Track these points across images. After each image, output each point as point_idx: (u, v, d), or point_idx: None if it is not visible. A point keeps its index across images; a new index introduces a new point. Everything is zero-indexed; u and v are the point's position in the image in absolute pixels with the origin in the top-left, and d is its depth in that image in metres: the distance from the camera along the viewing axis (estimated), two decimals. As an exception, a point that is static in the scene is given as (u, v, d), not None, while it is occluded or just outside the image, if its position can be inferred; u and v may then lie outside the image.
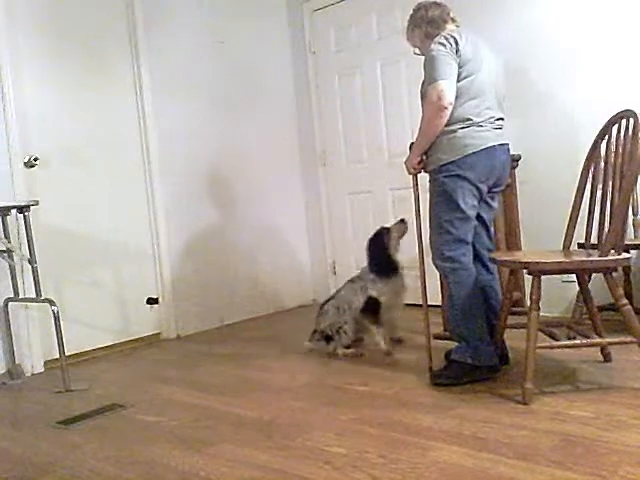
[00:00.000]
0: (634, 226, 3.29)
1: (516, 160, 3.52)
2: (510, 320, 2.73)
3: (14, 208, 3.22)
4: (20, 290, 3.36)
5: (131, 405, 2.75)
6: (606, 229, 2.51)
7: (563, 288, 3.60)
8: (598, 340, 2.61)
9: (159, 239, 4.12)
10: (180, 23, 4.28)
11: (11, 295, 3.33)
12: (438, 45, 2.56)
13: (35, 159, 3.53)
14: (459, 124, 2.57)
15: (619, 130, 2.52)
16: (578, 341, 2.62)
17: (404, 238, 3.31)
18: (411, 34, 2.83)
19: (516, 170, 3.59)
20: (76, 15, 3.79)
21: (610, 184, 2.52)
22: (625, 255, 2.38)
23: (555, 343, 2.60)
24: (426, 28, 2.74)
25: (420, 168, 2.76)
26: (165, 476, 2.01)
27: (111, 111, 3.93)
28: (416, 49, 2.85)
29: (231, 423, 2.42)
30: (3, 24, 3.43)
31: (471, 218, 2.65)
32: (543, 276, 2.39)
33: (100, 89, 3.87)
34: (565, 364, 2.79)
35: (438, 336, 3.29)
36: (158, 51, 4.12)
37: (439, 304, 3.50)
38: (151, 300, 4.10)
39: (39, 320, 3.49)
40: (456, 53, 2.54)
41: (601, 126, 2.66)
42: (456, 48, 2.54)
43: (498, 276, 2.89)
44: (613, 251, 2.37)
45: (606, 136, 2.63)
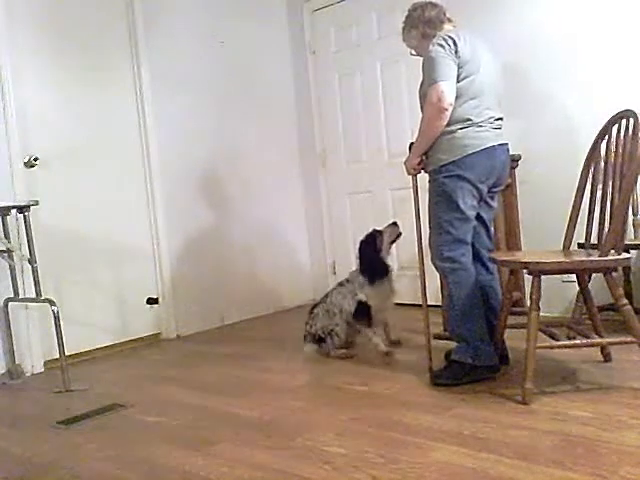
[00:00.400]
0: (634, 226, 3.28)
1: (516, 160, 3.52)
2: (510, 320, 2.73)
3: (14, 208, 3.22)
4: (20, 290, 3.36)
5: (131, 405, 2.75)
6: (606, 229, 2.51)
7: (563, 288, 3.60)
8: (598, 340, 2.61)
9: (159, 239, 4.12)
10: (180, 23, 4.28)
11: (11, 295, 3.33)
12: (437, 46, 2.55)
13: (35, 159, 3.53)
14: (459, 124, 2.57)
15: (619, 130, 2.52)
16: (578, 341, 2.62)
17: (401, 239, 3.31)
18: (408, 35, 2.80)
19: (516, 170, 3.59)
20: (76, 15, 3.79)
21: (610, 184, 2.53)
22: (625, 255, 2.38)
23: (555, 343, 2.60)
24: (423, 28, 2.72)
25: (420, 169, 2.76)
26: (165, 476, 2.01)
27: (111, 111, 3.93)
28: (413, 50, 2.83)
29: (231, 423, 2.42)
30: (3, 24, 3.43)
31: (470, 218, 2.65)
32: (543, 276, 2.39)
33: (100, 89, 3.87)
34: (565, 364, 2.79)
35: (438, 336, 3.29)
36: (158, 51, 4.12)
37: (439, 304, 3.50)
38: (151, 300, 4.10)
39: (39, 320, 3.49)
40: (455, 54, 2.53)
41: (601, 126, 2.66)
42: (455, 49, 2.53)
43: (498, 276, 2.89)
44: (613, 251, 2.37)
45: (606, 136, 2.63)
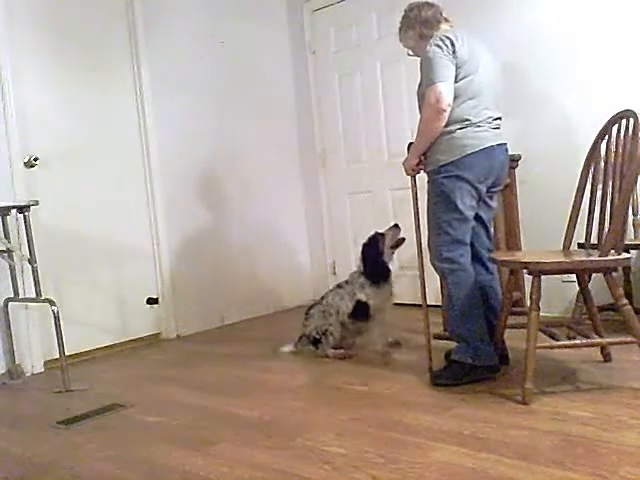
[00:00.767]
0: (634, 226, 3.28)
1: (516, 160, 3.52)
2: (510, 320, 2.73)
3: (14, 208, 3.22)
4: (20, 290, 3.36)
5: (131, 405, 2.75)
6: (606, 229, 2.51)
7: (563, 288, 3.60)
8: (598, 340, 2.61)
9: (159, 239, 4.12)
10: (180, 23, 4.28)
11: (11, 295, 3.33)
12: (435, 47, 2.53)
13: (35, 159, 3.53)
14: (457, 125, 2.57)
15: (619, 130, 2.52)
16: (578, 341, 2.62)
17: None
18: (404, 35, 2.79)
19: (516, 170, 3.59)
20: (76, 15, 3.79)
21: (610, 184, 2.53)
22: (625, 255, 2.38)
23: (555, 343, 2.60)
24: (420, 29, 2.71)
25: (419, 169, 2.76)
26: (165, 476, 2.01)
27: (111, 111, 3.93)
28: (410, 50, 2.82)
29: (231, 423, 2.42)
30: (3, 24, 3.43)
31: (469, 219, 2.65)
32: (543, 276, 2.39)
33: (100, 89, 3.87)
34: (565, 364, 2.79)
35: (438, 336, 3.29)
36: (158, 51, 4.12)
37: (439, 304, 3.50)
38: (151, 300, 4.10)
39: (39, 320, 3.49)
40: (453, 54, 2.52)
41: (601, 126, 2.66)
42: (453, 49, 2.52)
43: (498, 276, 2.89)
44: (613, 251, 2.37)
45: (606, 136, 2.63)
